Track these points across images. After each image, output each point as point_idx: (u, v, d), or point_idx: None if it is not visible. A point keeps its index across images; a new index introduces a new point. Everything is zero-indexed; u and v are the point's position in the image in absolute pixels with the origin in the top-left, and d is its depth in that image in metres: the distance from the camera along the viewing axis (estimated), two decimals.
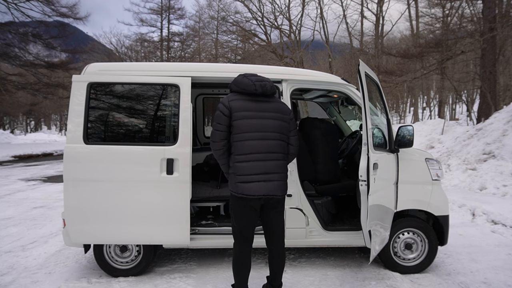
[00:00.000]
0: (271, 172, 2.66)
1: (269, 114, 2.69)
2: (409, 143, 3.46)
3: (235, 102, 2.69)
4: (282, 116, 2.73)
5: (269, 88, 2.73)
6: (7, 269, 3.77)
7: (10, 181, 9.71)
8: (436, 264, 3.82)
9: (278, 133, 2.70)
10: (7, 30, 19.67)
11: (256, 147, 2.64)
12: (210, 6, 32.10)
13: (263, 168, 2.64)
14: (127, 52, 33.62)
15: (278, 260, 2.88)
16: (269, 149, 2.66)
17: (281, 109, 2.76)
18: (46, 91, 22.35)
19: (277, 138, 2.69)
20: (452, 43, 14.09)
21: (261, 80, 2.74)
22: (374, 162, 2.93)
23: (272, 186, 2.65)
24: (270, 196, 2.66)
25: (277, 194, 2.68)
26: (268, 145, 2.65)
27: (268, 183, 2.64)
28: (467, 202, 6.18)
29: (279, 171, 2.70)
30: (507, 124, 8.77)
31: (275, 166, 2.68)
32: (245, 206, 2.71)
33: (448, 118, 28.54)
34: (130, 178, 3.30)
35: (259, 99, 2.73)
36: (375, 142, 3.21)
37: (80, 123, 3.30)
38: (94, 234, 3.34)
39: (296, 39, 27.99)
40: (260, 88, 2.70)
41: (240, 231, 2.80)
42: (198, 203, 3.98)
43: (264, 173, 2.64)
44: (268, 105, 2.73)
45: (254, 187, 2.62)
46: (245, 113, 2.66)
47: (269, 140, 2.66)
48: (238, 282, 2.84)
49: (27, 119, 52.00)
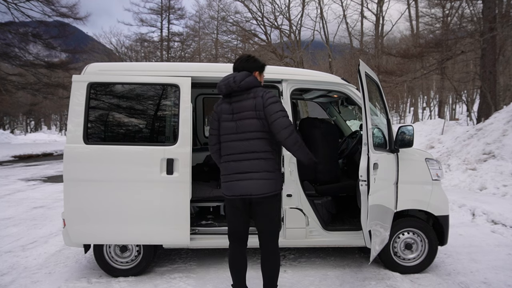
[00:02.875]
0: (246, 171, 2.64)
1: (242, 114, 2.67)
2: (409, 143, 3.46)
3: (219, 106, 2.80)
4: (255, 113, 2.63)
5: (233, 84, 2.67)
6: (7, 269, 3.77)
7: (10, 181, 9.71)
8: (436, 264, 3.82)
9: (255, 132, 2.64)
10: (7, 30, 19.67)
11: (233, 148, 2.68)
12: (210, 6, 32.14)
13: (238, 168, 2.66)
14: (127, 52, 33.66)
15: (266, 264, 2.78)
16: (246, 149, 2.65)
17: (253, 106, 2.64)
18: (46, 91, 22.36)
19: (255, 137, 2.64)
20: (452, 43, 14.08)
21: (226, 79, 2.73)
22: (374, 162, 2.93)
23: (248, 186, 2.62)
24: (245, 196, 2.64)
25: (252, 194, 2.62)
26: (244, 146, 2.65)
27: (243, 182, 2.63)
28: (467, 202, 6.18)
29: (257, 170, 2.62)
30: (507, 124, 8.77)
31: (252, 165, 2.63)
32: (231, 206, 2.76)
33: (448, 118, 28.55)
34: (130, 178, 3.29)
35: (233, 100, 2.72)
36: (375, 142, 3.21)
37: (80, 123, 3.29)
38: (94, 234, 3.34)
39: (296, 39, 27.99)
40: (225, 88, 2.71)
41: (231, 230, 2.84)
42: (198, 203, 3.98)
43: (239, 172, 2.65)
44: (241, 104, 2.68)
45: (231, 186, 2.68)
46: (224, 115, 2.74)
47: (245, 140, 2.65)
48: (235, 281, 2.87)
49: (27, 119, 52.01)
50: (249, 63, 2.81)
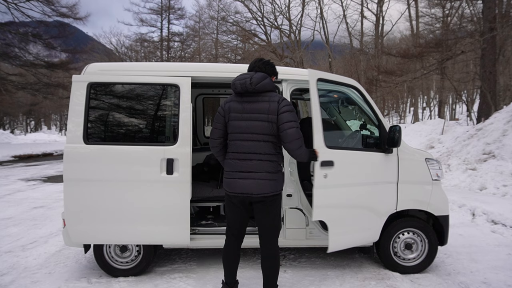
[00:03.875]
0: (248, 171, 2.71)
1: (253, 115, 2.72)
2: (396, 143, 3.39)
3: (229, 103, 2.83)
4: (266, 117, 2.69)
5: (248, 86, 2.71)
6: (7, 269, 3.77)
7: (10, 181, 9.71)
8: (436, 264, 3.82)
9: (261, 134, 2.71)
10: (7, 30, 19.64)
11: (240, 147, 2.75)
12: (210, 6, 32.17)
13: (241, 167, 2.73)
14: (127, 52, 33.63)
15: (266, 264, 2.84)
16: (250, 150, 2.72)
17: (266, 110, 2.70)
18: (46, 91, 22.33)
19: (261, 139, 2.71)
20: (452, 43, 14.08)
21: (242, 78, 2.76)
22: (328, 160, 3.06)
23: (249, 185, 2.69)
24: (246, 194, 2.71)
25: (252, 193, 2.69)
26: (249, 146, 2.72)
27: (245, 181, 2.71)
28: (467, 202, 6.18)
29: (258, 171, 2.69)
30: (507, 124, 8.77)
31: (254, 165, 2.70)
32: (231, 202, 2.85)
33: (448, 118, 28.55)
34: (130, 178, 3.29)
35: (245, 99, 2.76)
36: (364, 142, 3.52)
37: (80, 123, 3.29)
38: (94, 234, 3.34)
39: (296, 39, 28.01)
40: (240, 86, 2.74)
41: (227, 225, 2.94)
42: (198, 203, 3.98)
43: (242, 171, 2.73)
44: (253, 105, 2.73)
45: (233, 183, 2.75)
46: (234, 114, 2.78)
47: (250, 141, 2.72)
48: (225, 274, 2.96)
49: (27, 119, 51.97)
50: (269, 67, 2.90)
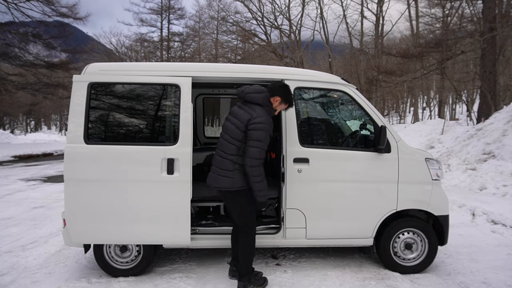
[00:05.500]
0: (215, 166, 3.12)
1: (233, 119, 3.08)
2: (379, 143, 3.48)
3: (232, 107, 3.28)
4: (238, 123, 3.01)
5: (240, 94, 3.16)
6: (7, 269, 3.77)
7: (10, 181, 9.70)
8: (436, 264, 3.83)
9: (230, 136, 3.04)
10: (7, 30, 19.63)
11: (218, 144, 3.17)
12: (210, 6, 32.20)
13: (213, 162, 3.16)
14: (127, 52, 33.64)
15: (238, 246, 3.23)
16: (220, 148, 3.12)
17: (242, 118, 3.01)
18: (46, 91, 22.32)
19: (229, 141, 3.04)
20: (452, 43, 14.08)
21: (244, 87, 3.20)
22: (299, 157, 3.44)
23: (214, 178, 3.11)
24: (214, 187, 3.12)
25: (215, 186, 3.10)
26: (221, 144, 3.11)
27: (211, 174, 3.15)
28: (467, 202, 6.18)
29: (222, 168, 3.06)
30: (507, 124, 8.77)
31: (220, 162, 3.08)
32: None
33: (448, 118, 28.54)
34: (130, 178, 3.30)
35: (239, 105, 3.18)
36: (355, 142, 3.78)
37: (80, 123, 3.29)
38: (94, 234, 3.34)
39: (296, 39, 28.02)
40: (237, 93, 3.24)
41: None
42: (198, 203, 3.98)
43: (213, 165, 3.16)
44: (238, 111, 3.09)
45: (209, 176, 3.19)
46: (227, 115, 3.21)
47: (224, 140, 3.09)
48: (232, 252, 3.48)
49: (27, 119, 51.96)
50: (276, 87, 3.17)
